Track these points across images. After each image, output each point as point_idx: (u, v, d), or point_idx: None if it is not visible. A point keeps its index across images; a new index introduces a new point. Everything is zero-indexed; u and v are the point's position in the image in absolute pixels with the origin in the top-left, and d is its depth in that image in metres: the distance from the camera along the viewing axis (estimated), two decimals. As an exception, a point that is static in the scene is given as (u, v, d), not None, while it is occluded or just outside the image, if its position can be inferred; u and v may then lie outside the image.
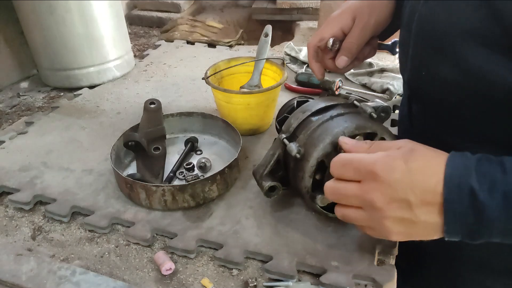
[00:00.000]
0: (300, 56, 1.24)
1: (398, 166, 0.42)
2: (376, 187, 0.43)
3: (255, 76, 0.92)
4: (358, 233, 0.62)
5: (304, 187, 0.60)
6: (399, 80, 1.05)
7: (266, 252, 0.60)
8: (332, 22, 0.62)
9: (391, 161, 0.43)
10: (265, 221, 0.65)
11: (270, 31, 0.92)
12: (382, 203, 0.43)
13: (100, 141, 0.87)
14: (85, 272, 0.57)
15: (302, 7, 1.73)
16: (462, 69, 0.48)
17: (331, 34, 0.62)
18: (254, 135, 0.89)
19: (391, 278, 0.55)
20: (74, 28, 1.03)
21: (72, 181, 0.75)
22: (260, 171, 0.64)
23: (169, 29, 1.55)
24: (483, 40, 0.44)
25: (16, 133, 0.89)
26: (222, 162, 0.79)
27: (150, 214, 0.67)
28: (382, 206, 0.43)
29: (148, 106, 0.78)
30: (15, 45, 1.18)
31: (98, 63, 1.10)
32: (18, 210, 0.70)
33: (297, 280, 0.56)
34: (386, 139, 0.59)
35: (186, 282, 0.57)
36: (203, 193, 0.68)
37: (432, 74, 0.54)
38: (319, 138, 0.58)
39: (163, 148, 0.77)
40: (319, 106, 0.62)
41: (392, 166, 0.42)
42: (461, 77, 0.48)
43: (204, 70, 0.88)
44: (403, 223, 0.43)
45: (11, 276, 0.56)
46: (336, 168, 0.49)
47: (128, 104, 1.03)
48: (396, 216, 0.43)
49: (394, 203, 0.42)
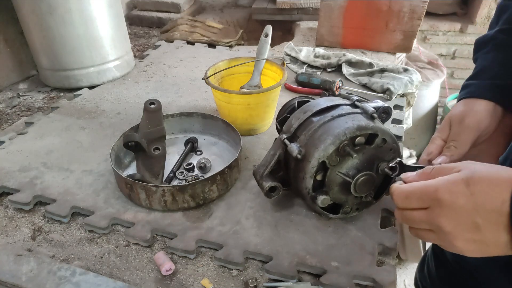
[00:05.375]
0: (300, 56, 1.24)
1: (460, 190, 0.43)
2: (442, 213, 0.44)
3: (255, 76, 0.92)
4: (359, 234, 0.62)
5: (305, 187, 0.59)
6: (399, 80, 1.05)
7: (266, 252, 0.60)
8: (434, 136, 0.66)
9: (453, 186, 0.43)
10: (265, 221, 0.65)
11: (270, 31, 0.92)
12: (451, 228, 0.44)
13: (100, 141, 0.87)
14: (85, 273, 0.57)
15: (302, 7, 1.73)
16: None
17: (435, 146, 0.65)
18: (254, 135, 0.89)
19: (391, 279, 0.55)
20: (74, 29, 1.03)
21: (72, 181, 0.75)
22: (260, 172, 0.64)
23: (169, 29, 1.55)
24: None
25: (16, 134, 0.89)
26: (222, 163, 0.79)
27: (150, 214, 0.67)
28: (451, 230, 0.44)
29: (148, 107, 0.78)
30: (15, 45, 1.18)
31: (98, 64, 1.10)
32: (18, 211, 0.70)
33: (297, 281, 0.56)
34: (387, 140, 0.59)
35: (186, 282, 0.57)
36: (203, 193, 0.68)
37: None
38: (320, 138, 0.57)
39: (163, 148, 0.77)
40: (320, 107, 0.62)
41: (455, 191, 0.43)
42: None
43: (204, 70, 0.88)
44: (475, 243, 0.43)
45: (11, 277, 0.56)
46: (400, 200, 0.49)
47: (128, 104, 1.03)
48: (466, 238, 0.43)
49: (461, 226, 0.43)
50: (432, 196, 0.45)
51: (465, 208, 0.42)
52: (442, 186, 0.44)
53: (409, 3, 1.22)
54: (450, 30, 2.27)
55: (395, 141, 0.60)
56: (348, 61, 1.17)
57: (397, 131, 0.89)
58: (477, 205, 0.42)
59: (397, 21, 1.26)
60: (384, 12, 1.25)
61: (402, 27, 1.27)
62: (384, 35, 1.30)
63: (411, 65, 2.06)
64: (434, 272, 0.80)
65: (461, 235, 0.43)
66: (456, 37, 2.29)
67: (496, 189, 0.41)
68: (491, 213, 0.41)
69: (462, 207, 0.42)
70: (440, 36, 2.30)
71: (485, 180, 0.42)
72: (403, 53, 1.41)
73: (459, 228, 0.43)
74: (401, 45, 1.31)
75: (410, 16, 1.24)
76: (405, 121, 1.01)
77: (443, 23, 2.26)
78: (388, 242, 0.61)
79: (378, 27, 1.29)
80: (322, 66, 1.19)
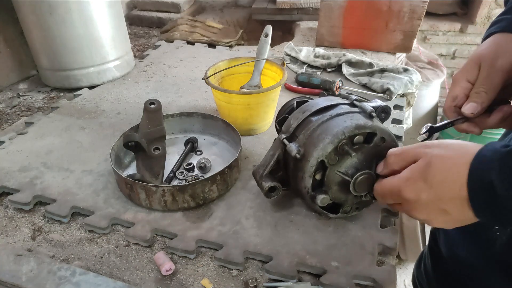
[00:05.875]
0: (300, 56, 1.24)
1: (420, 187, 0.46)
2: (412, 207, 0.49)
3: (255, 76, 0.92)
4: (358, 234, 0.62)
5: (304, 187, 0.59)
6: (399, 80, 1.05)
7: (266, 252, 0.60)
8: (457, 77, 0.60)
9: (413, 184, 0.47)
10: (265, 221, 0.65)
11: (270, 31, 0.92)
12: (424, 217, 0.48)
13: (100, 141, 0.87)
14: (85, 273, 0.57)
15: (302, 7, 1.73)
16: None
17: (461, 88, 0.59)
18: (254, 135, 0.89)
19: (391, 279, 0.55)
20: (74, 29, 1.03)
21: (72, 181, 0.75)
22: (260, 172, 0.64)
23: (169, 29, 1.55)
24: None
25: (16, 134, 0.89)
26: (222, 163, 0.79)
27: (150, 214, 0.67)
28: (425, 218, 0.48)
29: (148, 107, 0.78)
30: (15, 45, 1.18)
31: (98, 64, 1.10)
32: (18, 211, 0.70)
33: (297, 281, 0.56)
34: (386, 139, 0.59)
35: (186, 282, 0.57)
36: (203, 193, 0.68)
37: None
38: (319, 138, 0.57)
39: (163, 148, 0.77)
40: (319, 106, 0.62)
41: (416, 188, 0.46)
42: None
43: (204, 70, 0.88)
44: (448, 222, 0.48)
45: (11, 277, 0.56)
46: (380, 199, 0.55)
47: (128, 104, 1.03)
48: (439, 220, 0.48)
49: (432, 214, 0.47)
50: (399, 196, 0.49)
51: (429, 200, 0.46)
52: (404, 186, 0.48)
53: (409, 3, 1.22)
54: (450, 30, 2.27)
55: (394, 140, 0.60)
56: (348, 61, 1.17)
57: (397, 131, 0.89)
58: (439, 195, 0.45)
59: (397, 21, 1.26)
60: (384, 12, 1.25)
61: (402, 27, 1.27)
62: (384, 35, 1.30)
63: (411, 65, 2.06)
64: (430, 268, 0.80)
65: (435, 220, 0.48)
66: (456, 37, 2.29)
67: (452, 177, 0.43)
68: (453, 199, 0.44)
69: (426, 201, 0.46)
70: (440, 36, 2.31)
71: (440, 170, 0.44)
72: (403, 53, 1.41)
73: (431, 216, 0.47)
74: (401, 45, 1.31)
75: (410, 16, 1.24)
76: (405, 121, 1.01)
77: (443, 23, 2.26)
78: (388, 242, 0.61)
79: (378, 27, 1.29)
80: (322, 66, 1.19)
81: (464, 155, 0.43)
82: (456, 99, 0.59)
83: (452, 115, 0.61)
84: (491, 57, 0.56)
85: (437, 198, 0.45)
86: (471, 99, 0.57)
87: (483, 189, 0.41)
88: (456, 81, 0.60)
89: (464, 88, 0.58)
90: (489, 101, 0.57)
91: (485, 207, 0.42)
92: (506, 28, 0.58)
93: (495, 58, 0.56)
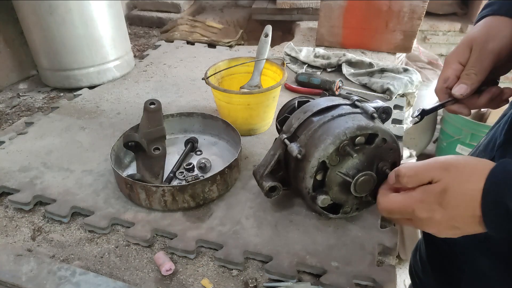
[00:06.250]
0: (300, 56, 1.24)
1: (435, 208, 0.46)
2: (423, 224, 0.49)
3: (255, 76, 0.91)
4: (359, 234, 0.62)
5: (305, 187, 0.59)
6: (399, 80, 1.05)
7: (266, 252, 0.60)
8: (449, 59, 0.60)
9: (428, 206, 0.47)
10: (265, 221, 0.65)
11: (270, 31, 0.92)
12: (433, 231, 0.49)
13: (100, 141, 0.87)
14: (85, 273, 0.56)
15: (302, 7, 1.73)
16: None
17: (452, 70, 0.60)
18: (254, 135, 0.89)
19: (391, 279, 0.55)
20: (74, 29, 1.03)
21: (72, 181, 0.75)
22: (260, 172, 0.64)
23: (169, 29, 1.55)
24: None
25: (16, 134, 0.89)
26: (222, 163, 0.79)
27: (150, 214, 0.67)
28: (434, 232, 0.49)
29: (148, 107, 0.78)
30: (15, 45, 1.18)
31: (98, 64, 1.10)
32: (18, 211, 0.70)
33: (297, 281, 0.56)
34: (387, 140, 0.59)
35: (186, 282, 0.57)
36: (203, 193, 0.68)
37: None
38: (320, 138, 0.57)
39: (163, 148, 0.77)
40: (320, 107, 0.62)
41: (430, 209, 0.47)
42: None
43: (204, 70, 0.88)
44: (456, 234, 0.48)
45: (11, 277, 0.56)
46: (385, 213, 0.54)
47: (128, 104, 1.03)
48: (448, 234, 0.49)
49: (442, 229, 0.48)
50: (411, 214, 0.49)
51: (442, 220, 0.47)
52: (418, 207, 0.48)
53: (409, 3, 1.22)
54: (450, 30, 2.27)
55: (395, 141, 0.60)
56: (348, 61, 1.17)
57: (397, 131, 0.89)
58: (452, 216, 0.46)
59: (397, 21, 1.26)
60: (384, 12, 1.25)
61: (402, 27, 1.27)
62: (384, 35, 1.30)
63: (411, 65, 2.06)
64: (425, 255, 0.80)
65: (444, 233, 0.48)
66: (456, 37, 2.29)
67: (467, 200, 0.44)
68: (466, 218, 0.45)
69: (439, 220, 0.47)
70: (440, 36, 2.31)
71: (455, 195, 0.45)
72: (403, 53, 1.41)
73: (441, 230, 0.48)
74: (401, 45, 1.31)
75: (410, 16, 1.24)
76: (405, 121, 1.01)
77: (443, 23, 2.26)
78: (388, 242, 0.61)
79: (378, 27, 1.29)
80: (322, 66, 1.19)
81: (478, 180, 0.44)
82: (447, 80, 0.60)
83: (443, 96, 0.62)
84: (483, 40, 0.57)
85: (450, 217, 0.46)
86: (461, 80, 0.58)
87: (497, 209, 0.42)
88: (447, 63, 0.61)
89: (455, 70, 0.59)
90: (478, 83, 0.58)
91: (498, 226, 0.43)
92: (498, 11, 0.59)
93: (486, 41, 0.57)
